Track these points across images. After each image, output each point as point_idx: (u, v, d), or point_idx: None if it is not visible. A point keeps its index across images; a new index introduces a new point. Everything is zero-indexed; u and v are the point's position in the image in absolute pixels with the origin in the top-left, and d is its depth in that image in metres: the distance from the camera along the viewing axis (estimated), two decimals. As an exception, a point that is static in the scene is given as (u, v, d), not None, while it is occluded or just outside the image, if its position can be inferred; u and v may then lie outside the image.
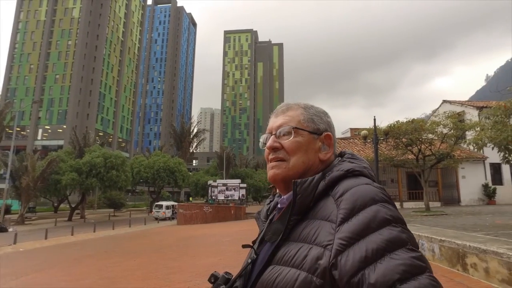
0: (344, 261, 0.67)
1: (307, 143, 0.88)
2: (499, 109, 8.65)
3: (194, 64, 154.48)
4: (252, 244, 0.92)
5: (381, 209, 0.71)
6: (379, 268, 0.64)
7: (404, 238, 0.68)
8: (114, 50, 78.81)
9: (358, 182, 0.78)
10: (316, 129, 0.90)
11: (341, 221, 0.71)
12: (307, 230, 0.76)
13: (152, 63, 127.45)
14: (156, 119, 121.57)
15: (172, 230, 19.99)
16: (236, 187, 30.85)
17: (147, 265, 8.40)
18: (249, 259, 0.86)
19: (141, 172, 41.72)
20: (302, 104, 0.95)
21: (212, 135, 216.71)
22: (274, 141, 0.89)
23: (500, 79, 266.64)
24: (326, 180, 0.81)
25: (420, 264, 0.65)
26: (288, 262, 0.74)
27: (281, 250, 0.77)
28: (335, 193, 0.77)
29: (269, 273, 0.76)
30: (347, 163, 0.85)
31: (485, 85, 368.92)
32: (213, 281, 0.88)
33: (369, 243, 0.67)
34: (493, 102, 17.94)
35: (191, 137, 62.45)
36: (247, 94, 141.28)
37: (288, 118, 0.91)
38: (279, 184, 0.89)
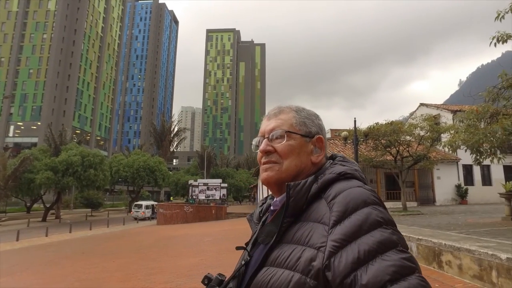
0: (337, 262, 0.68)
1: (299, 146, 0.89)
2: (471, 113, 9.04)
3: (175, 62, 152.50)
4: (245, 245, 0.93)
5: (372, 211, 0.73)
6: (371, 269, 0.66)
7: (395, 240, 0.70)
8: (93, 45, 76.59)
9: (350, 185, 0.79)
10: (308, 132, 0.91)
11: (334, 223, 0.73)
12: (300, 232, 0.77)
13: (132, 60, 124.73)
14: (136, 117, 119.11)
15: (152, 230, 19.66)
16: (217, 187, 30.70)
17: (127, 266, 8.24)
18: (243, 260, 0.87)
19: (120, 171, 40.80)
20: (293, 107, 0.96)
21: (193, 134, 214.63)
22: (267, 144, 0.90)
23: (472, 84, 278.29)
24: (319, 183, 0.82)
25: (410, 265, 0.67)
26: (282, 264, 0.75)
27: (275, 252, 0.78)
28: (328, 196, 0.79)
29: (263, 274, 0.77)
30: (339, 166, 0.87)
31: (459, 89, 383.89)
32: (206, 283, 0.89)
33: (361, 244, 0.68)
34: (466, 106, 18.73)
35: (171, 136, 61.68)
36: (228, 93, 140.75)
37: (280, 122, 0.91)
38: (273, 186, 0.90)
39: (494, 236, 5.69)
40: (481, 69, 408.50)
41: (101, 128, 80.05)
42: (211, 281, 0.88)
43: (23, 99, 66.54)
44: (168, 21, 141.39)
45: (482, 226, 7.70)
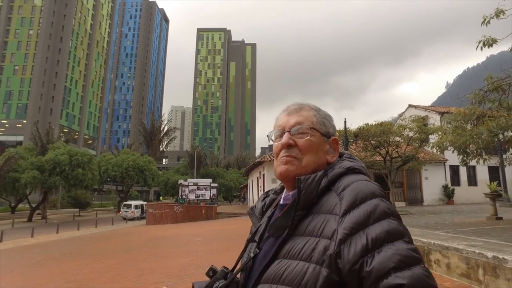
0: (347, 249, 0.71)
1: (318, 143, 0.91)
2: (459, 115, 9.23)
3: (165, 61, 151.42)
4: (248, 241, 0.95)
5: (380, 203, 0.76)
6: (377, 257, 0.68)
7: (402, 231, 0.73)
8: (81, 43, 75.33)
9: (358, 178, 0.83)
10: (327, 132, 0.94)
11: (344, 212, 0.75)
12: (312, 225, 0.79)
13: (122, 58, 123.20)
14: (125, 116, 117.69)
15: (141, 230, 19.46)
16: (208, 187, 30.56)
17: (116, 266, 8.13)
18: (251, 253, 0.87)
19: (109, 171, 40.24)
20: (312, 105, 0.98)
21: (183, 134, 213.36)
22: (289, 138, 0.91)
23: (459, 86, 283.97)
24: (329, 176, 0.85)
25: (415, 256, 0.69)
26: (296, 256, 0.76)
27: (287, 244, 0.80)
28: (337, 188, 0.81)
29: (276, 266, 0.78)
30: (347, 162, 0.90)
31: (446, 91, 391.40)
32: (211, 275, 0.89)
33: (369, 233, 0.71)
34: (453, 108, 19.10)
35: (161, 136, 61.18)
36: (219, 93, 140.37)
37: (302, 118, 0.93)
38: (289, 181, 0.90)
39: (479, 235, 5.83)
40: (467, 71, 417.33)
41: (90, 127, 78.86)
42: (216, 274, 0.89)
43: (7, 96, 65.02)
44: (159, 20, 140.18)
45: (468, 226, 7.87)
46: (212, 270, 0.90)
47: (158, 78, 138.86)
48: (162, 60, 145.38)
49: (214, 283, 0.87)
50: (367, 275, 0.68)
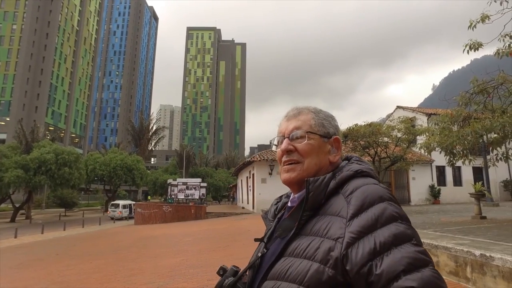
0: (355, 253, 0.72)
1: (318, 146, 0.93)
2: (446, 116, 9.44)
3: (154, 60, 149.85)
4: (260, 240, 0.98)
5: (388, 206, 0.77)
6: (386, 260, 0.69)
7: (410, 234, 0.74)
8: (68, 39, 73.84)
9: (366, 182, 0.84)
10: (326, 133, 0.96)
11: (352, 216, 0.77)
12: (318, 225, 0.81)
13: (110, 56, 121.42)
14: (113, 114, 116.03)
15: (130, 230, 19.22)
16: (197, 186, 30.43)
17: (105, 267, 8.02)
18: (259, 253, 0.92)
19: (97, 170, 39.60)
20: (311, 108, 1.00)
21: (172, 133, 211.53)
22: (288, 143, 0.94)
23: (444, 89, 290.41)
24: (337, 179, 0.86)
25: (424, 258, 0.71)
26: (300, 254, 0.79)
27: (293, 243, 0.83)
28: (345, 191, 0.83)
29: (281, 264, 0.81)
30: (355, 165, 0.91)
31: (432, 93, 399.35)
32: (221, 274, 0.93)
33: (377, 236, 0.72)
34: (440, 109, 19.49)
35: (150, 135, 60.57)
36: (208, 92, 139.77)
37: (300, 123, 0.95)
38: (294, 185, 0.94)
39: (466, 234, 5.98)
40: (452, 74, 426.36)
41: (76, 125, 77.42)
42: (226, 272, 0.92)
43: (-10, 92, 63.34)
44: (148, 17, 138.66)
45: (454, 225, 8.06)
46: (222, 269, 0.94)
47: (147, 77, 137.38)
48: (151, 58, 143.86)
49: (224, 281, 0.90)
50: (376, 279, 0.68)
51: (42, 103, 65.27)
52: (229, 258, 7.12)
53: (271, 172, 19.82)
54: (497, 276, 3.37)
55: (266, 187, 19.81)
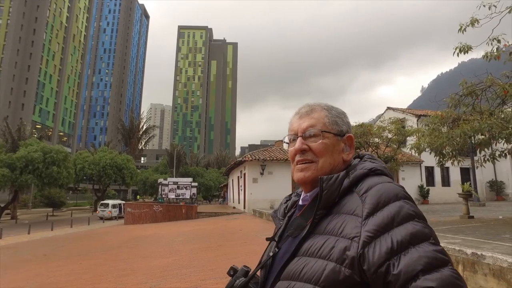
0: (372, 252, 0.71)
1: (332, 144, 0.91)
2: (436, 117, 9.59)
3: (145, 58, 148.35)
4: (271, 239, 0.97)
5: (404, 205, 0.76)
6: (404, 260, 0.68)
7: (427, 233, 0.72)
8: (57, 36, 72.47)
9: (381, 180, 0.83)
10: (340, 131, 0.94)
11: (367, 215, 0.75)
12: (332, 224, 0.80)
13: (99, 54, 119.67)
14: (103, 113, 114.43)
15: (120, 230, 18.99)
16: (188, 186, 30.24)
17: (95, 267, 7.90)
18: (271, 252, 0.90)
19: (85, 169, 39.03)
20: (324, 105, 0.98)
21: (162, 132, 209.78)
22: (302, 143, 0.91)
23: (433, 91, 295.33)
24: (351, 177, 0.85)
25: (443, 257, 0.69)
26: (315, 254, 0.77)
27: (307, 243, 0.81)
28: (360, 190, 0.82)
29: (295, 264, 0.80)
30: (369, 163, 0.90)
31: (421, 95, 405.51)
32: (232, 274, 0.92)
33: (394, 235, 0.71)
34: (429, 111, 19.80)
35: (140, 134, 59.99)
36: (199, 92, 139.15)
37: (314, 121, 0.93)
38: (307, 185, 0.92)
39: (455, 233, 6.10)
40: (441, 77, 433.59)
41: (65, 124, 76.10)
42: (236, 272, 0.91)
43: (-25, 89, 61.74)
44: (139, 15, 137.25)
45: (443, 224, 8.20)
46: (232, 269, 0.92)
47: (137, 75, 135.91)
48: (141, 56, 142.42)
49: (235, 281, 0.89)
50: (394, 279, 0.67)
51: (29, 101, 63.95)
52: (222, 258, 7.10)
53: (262, 172, 19.83)
54: (488, 274, 3.45)
55: (258, 187, 19.81)
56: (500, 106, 9.39)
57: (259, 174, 19.89)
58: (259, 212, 16.74)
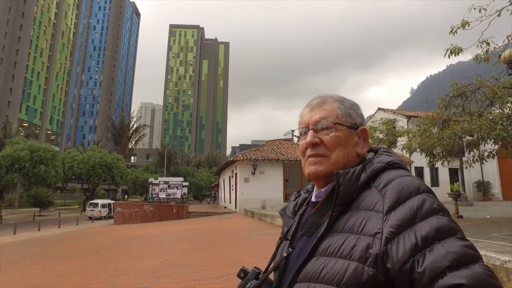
0: (395, 249, 0.66)
1: (346, 138, 0.87)
2: (427, 118, 9.73)
3: (136, 56, 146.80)
4: (281, 240, 0.92)
5: (427, 198, 0.71)
6: (429, 256, 0.64)
7: (454, 227, 0.68)
8: (45, 32, 71.09)
9: (400, 174, 0.78)
10: (353, 123, 0.89)
11: (388, 209, 0.71)
12: (352, 221, 0.75)
13: (89, 51, 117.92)
14: (92, 111, 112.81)
15: (109, 230, 18.73)
16: (179, 185, 30.07)
17: (85, 268, 7.76)
18: (284, 252, 0.85)
19: (74, 168, 38.38)
20: (336, 97, 0.93)
21: (153, 131, 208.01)
22: (314, 136, 0.87)
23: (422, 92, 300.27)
24: (368, 171, 0.81)
25: (473, 253, 0.64)
26: (335, 253, 0.73)
27: (325, 241, 0.77)
28: (378, 184, 0.77)
29: (314, 264, 0.75)
30: (385, 156, 0.86)
31: (410, 97, 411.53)
32: (242, 276, 0.88)
33: (418, 231, 0.66)
34: (419, 112, 20.05)
35: (130, 133, 59.35)
36: (190, 91, 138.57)
37: (326, 113, 0.88)
38: (320, 180, 0.88)
39: (446, 233, 6.16)
40: (429, 78, 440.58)
41: (53, 122, 74.73)
42: (247, 274, 0.87)
43: (-41, 86, 60.17)
44: (129, 13, 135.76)
45: (434, 224, 8.28)
46: (243, 271, 0.89)
47: (127, 74, 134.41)
48: (132, 55, 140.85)
49: (246, 283, 0.85)
50: (419, 276, 0.63)
51: (15, 98, 62.59)
52: (215, 258, 7.04)
53: (254, 171, 19.82)
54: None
55: (249, 187, 19.81)
56: (489, 107, 9.57)
57: (251, 173, 19.87)
58: (250, 211, 16.72)
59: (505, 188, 23.24)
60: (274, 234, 9.41)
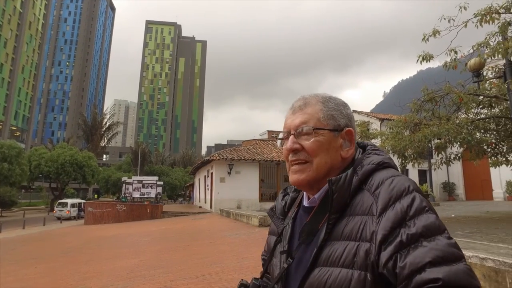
0: (384, 249, 0.68)
1: (328, 142, 0.84)
2: (399, 121, 10.12)
3: (110, 52, 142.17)
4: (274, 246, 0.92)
5: (416, 197, 0.72)
6: (412, 252, 0.65)
7: (440, 225, 0.69)
8: (9, 21, 67.13)
9: (390, 174, 0.79)
10: (337, 125, 0.86)
11: (380, 212, 0.72)
12: (349, 228, 0.75)
13: (60, 45, 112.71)
14: (62, 107, 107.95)
15: (80, 230, 18.04)
16: (153, 185, 29.45)
17: (54, 271, 7.43)
18: (285, 264, 0.84)
19: (42, 166, 36.63)
20: (320, 97, 0.89)
21: (126, 129, 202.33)
22: (294, 142, 0.85)
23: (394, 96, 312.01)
24: (359, 175, 0.80)
25: (457, 252, 0.66)
26: (337, 262, 0.73)
27: (326, 251, 0.76)
28: (370, 187, 0.78)
29: (317, 275, 0.75)
30: (375, 156, 0.85)
31: (383, 100, 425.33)
32: None
33: (407, 229, 0.68)
34: (393, 115, 20.77)
35: (103, 130, 57.47)
36: (166, 89, 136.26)
37: (307, 117, 0.85)
38: (306, 186, 0.87)
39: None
40: (401, 83, 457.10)
41: (18, 117, 70.82)
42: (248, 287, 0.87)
43: None
44: (104, 7, 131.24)
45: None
46: (243, 285, 0.88)
47: (101, 69, 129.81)
48: (106, 50, 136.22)
49: None
50: (399, 271, 0.65)
51: (-23, 92, 58.92)
52: (191, 257, 6.97)
53: (230, 171, 19.78)
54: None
55: (225, 187, 19.73)
56: (456, 112, 10.11)
57: (227, 173, 19.81)
58: (226, 211, 16.66)
59: (468, 189, 24.57)
60: (250, 233, 9.44)
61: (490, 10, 7.11)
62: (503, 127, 9.70)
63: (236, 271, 5.33)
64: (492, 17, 7.08)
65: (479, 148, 9.62)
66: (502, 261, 3.27)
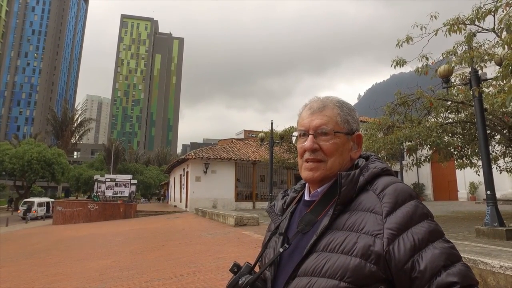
0: (397, 249, 0.75)
1: (342, 144, 0.91)
2: (374, 124, 10.43)
3: (82, 45, 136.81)
4: (270, 235, 0.97)
5: (419, 204, 0.81)
6: (426, 256, 0.74)
7: (441, 231, 0.79)
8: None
9: (394, 180, 0.86)
10: (350, 129, 0.94)
11: (387, 213, 0.79)
12: (352, 220, 0.81)
13: (26, 35, 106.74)
14: (29, 101, 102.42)
15: (47, 230, 17.24)
16: (127, 183, 28.64)
17: (18, 274, 7.06)
18: (280, 248, 0.89)
19: (5, 163, 34.67)
20: (336, 101, 0.96)
21: (99, 126, 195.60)
22: (313, 142, 0.91)
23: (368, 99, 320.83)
24: (366, 175, 0.87)
25: (457, 253, 0.76)
26: (336, 249, 0.79)
27: (326, 238, 0.82)
28: (375, 189, 0.85)
29: (315, 260, 0.80)
30: (379, 163, 0.92)
31: (357, 102, 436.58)
32: (235, 271, 0.90)
33: (415, 233, 0.76)
34: (367, 117, 21.35)
35: (74, 126, 55.28)
36: (141, 85, 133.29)
37: (326, 119, 0.92)
38: (316, 183, 0.93)
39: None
40: (375, 86, 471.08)
41: (-20, 111, 66.77)
42: (240, 269, 0.90)
43: None
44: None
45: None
46: (236, 266, 0.91)
47: (72, 63, 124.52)
48: (78, 43, 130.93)
49: (240, 278, 0.87)
50: (420, 275, 0.72)
51: None
52: (166, 258, 6.85)
53: (205, 170, 19.64)
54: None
55: (201, 186, 19.58)
56: (426, 116, 10.56)
57: (203, 172, 19.66)
58: (201, 211, 16.52)
59: (436, 189, 25.74)
60: (226, 233, 9.41)
61: (457, 20, 7.46)
62: (468, 131, 10.24)
63: (212, 271, 5.29)
64: (459, 27, 7.43)
65: (447, 150, 10.08)
66: (467, 257, 3.47)
